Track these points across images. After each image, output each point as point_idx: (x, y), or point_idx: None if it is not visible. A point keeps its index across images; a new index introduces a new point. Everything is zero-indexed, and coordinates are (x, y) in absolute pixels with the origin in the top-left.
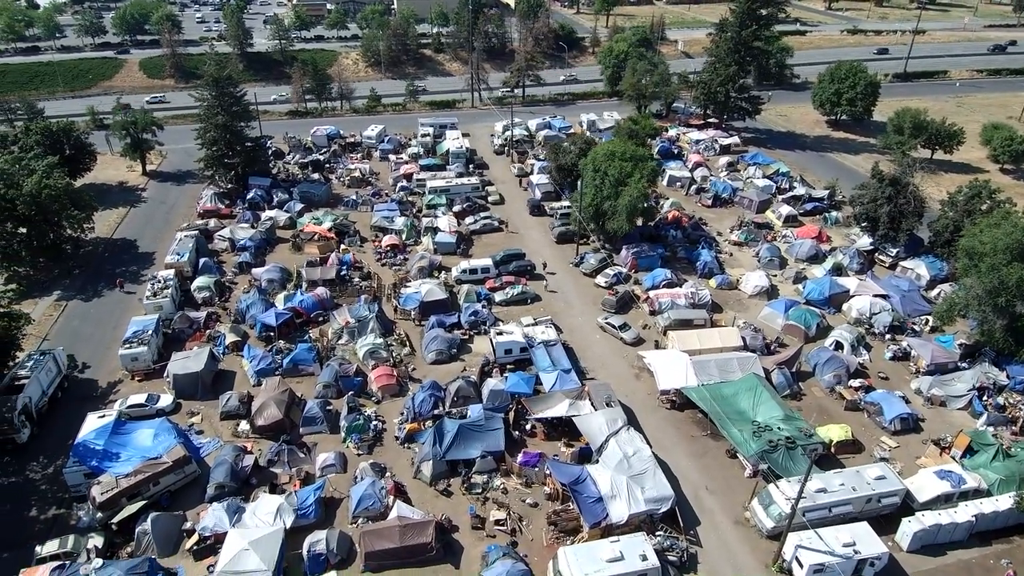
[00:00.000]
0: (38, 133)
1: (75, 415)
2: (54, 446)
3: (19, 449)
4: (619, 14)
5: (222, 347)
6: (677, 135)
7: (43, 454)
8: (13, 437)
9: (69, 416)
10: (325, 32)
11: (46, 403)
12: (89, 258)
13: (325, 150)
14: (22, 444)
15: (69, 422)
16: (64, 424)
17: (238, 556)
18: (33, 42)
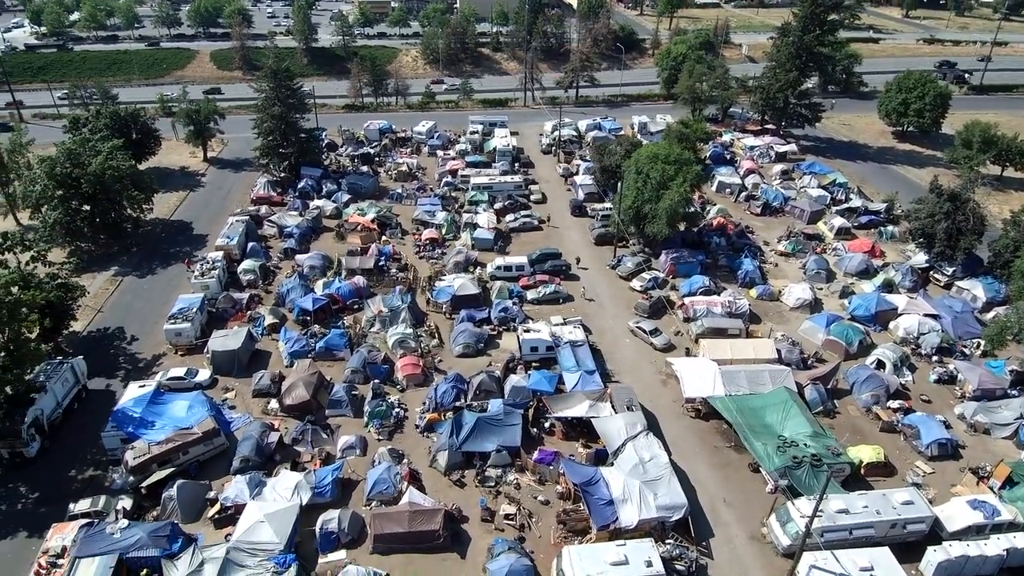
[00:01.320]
0: (107, 117)
1: (91, 426)
2: (65, 461)
3: (27, 464)
4: (683, 16)
5: (261, 328)
6: (731, 140)
7: (51, 469)
8: (22, 451)
9: (84, 428)
10: (387, 29)
11: (60, 415)
12: (147, 237)
13: (376, 144)
14: (30, 459)
15: (83, 434)
16: (78, 437)
17: (254, 527)
18: (113, 31)
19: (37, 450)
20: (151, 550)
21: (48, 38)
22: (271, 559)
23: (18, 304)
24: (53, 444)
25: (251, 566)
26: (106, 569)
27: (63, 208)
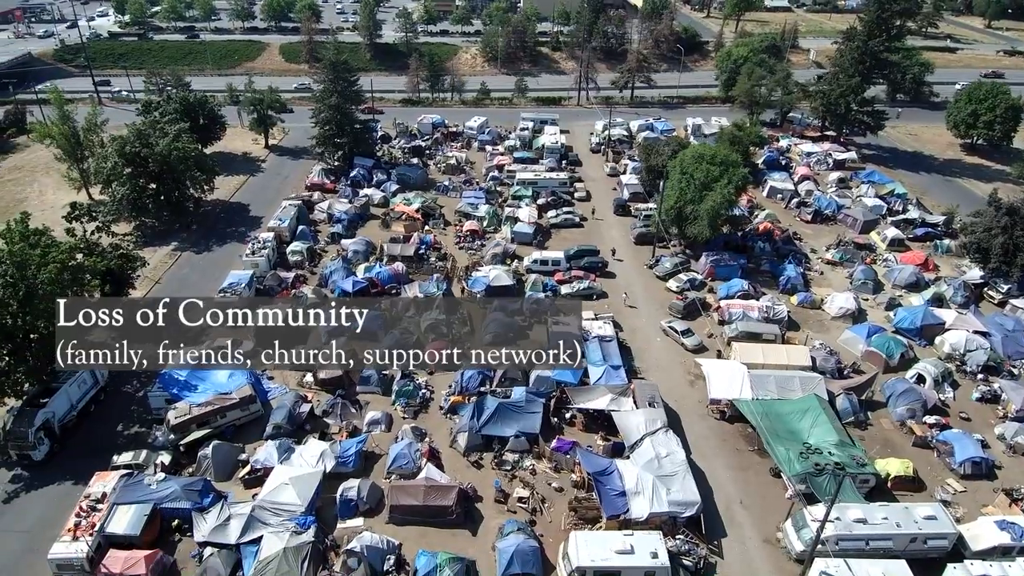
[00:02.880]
0: (177, 102)
1: (107, 431)
2: (75, 467)
3: (34, 467)
4: (750, 19)
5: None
6: (788, 146)
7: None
8: (29, 454)
9: (99, 432)
10: (450, 27)
11: (74, 418)
12: (206, 216)
13: (428, 137)
14: (38, 462)
15: (98, 439)
16: (91, 442)
17: (279, 489)
18: (191, 23)
19: (46, 453)
20: (183, 502)
21: (130, 27)
22: (293, 519)
23: (81, 269)
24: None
25: (273, 524)
26: (141, 516)
27: (131, 185)
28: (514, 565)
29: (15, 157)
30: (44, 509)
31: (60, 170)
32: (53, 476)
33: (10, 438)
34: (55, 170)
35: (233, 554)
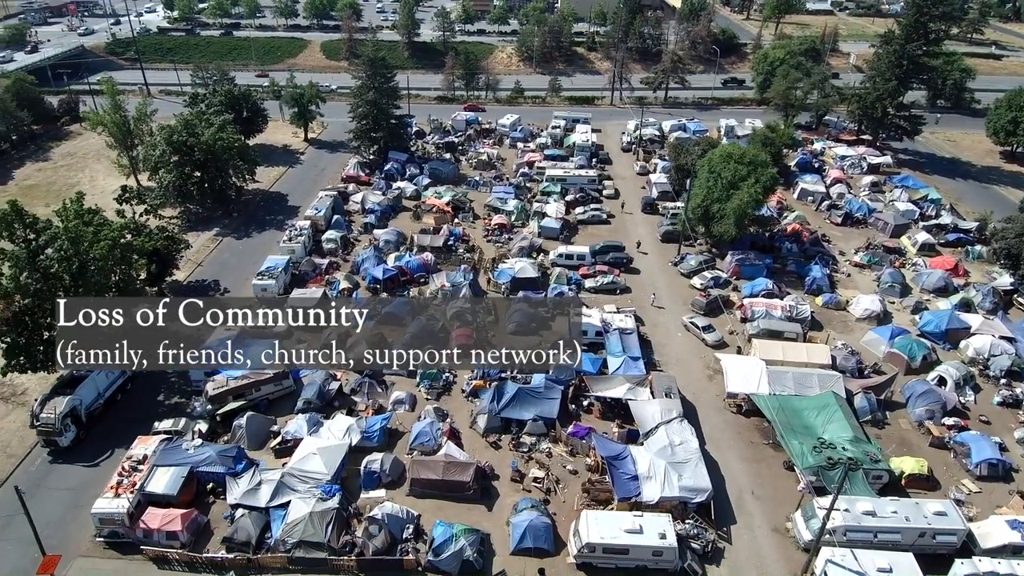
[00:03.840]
0: (222, 95)
1: (132, 420)
2: (98, 452)
3: (61, 452)
4: (791, 22)
5: (336, 291)
6: (822, 149)
7: (83, 460)
8: (56, 440)
9: (124, 420)
10: (487, 26)
11: (100, 406)
12: (247, 204)
13: (461, 134)
14: (64, 448)
15: (123, 427)
16: (116, 430)
17: (307, 458)
18: (236, 19)
19: (72, 440)
20: (218, 467)
21: (178, 23)
22: (319, 487)
23: (130, 247)
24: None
25: (301, 491)
26: (178, 478)
27: (177, 172)
28: (526, 539)
29: (68, 144)
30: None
31: (111, 157)
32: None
33: (38, 424)
34: (106, 157)
35: (263, 516)
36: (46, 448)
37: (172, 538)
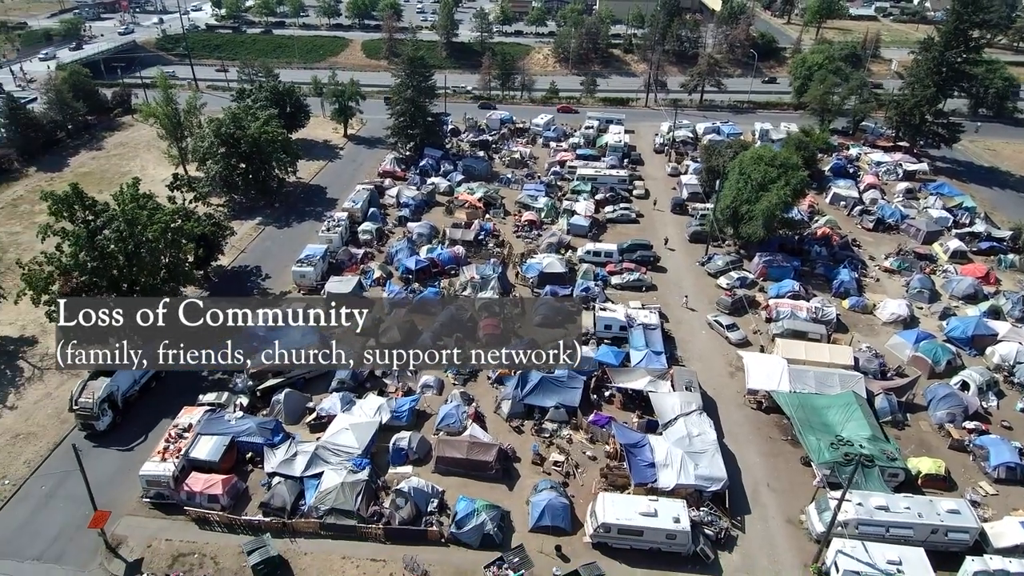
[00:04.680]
0: (267, 90)
1: (167, 405)
2: (132, 437)
3: (97, 436)
4: (833, 27)
5: (370, 279)
6: (858, 154)
7: (118, 444)
8: (93, 424)
9: (159, 406)
10: (524, 28)
11: (136, 392)
12: (288, 196)
13: (495, 132)
14: (101, 432)
15: (157, 413)
16: (150, 415)
17: (340, 433)
18: (281, 18)
19: (108, 424)
20: (257, 438)
21: (226, 20)
22: (350, 460)
23: (180, 231)
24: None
25: (333, 463)
26: (220, 446)
27: (224, 163)
28: (545, 517)
29: (120, 134)
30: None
31: (161, 147)
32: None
33: (76, 408)
34: (156, 147)
35: (297, 484)
36: (83, 431)
37: (213, 501)
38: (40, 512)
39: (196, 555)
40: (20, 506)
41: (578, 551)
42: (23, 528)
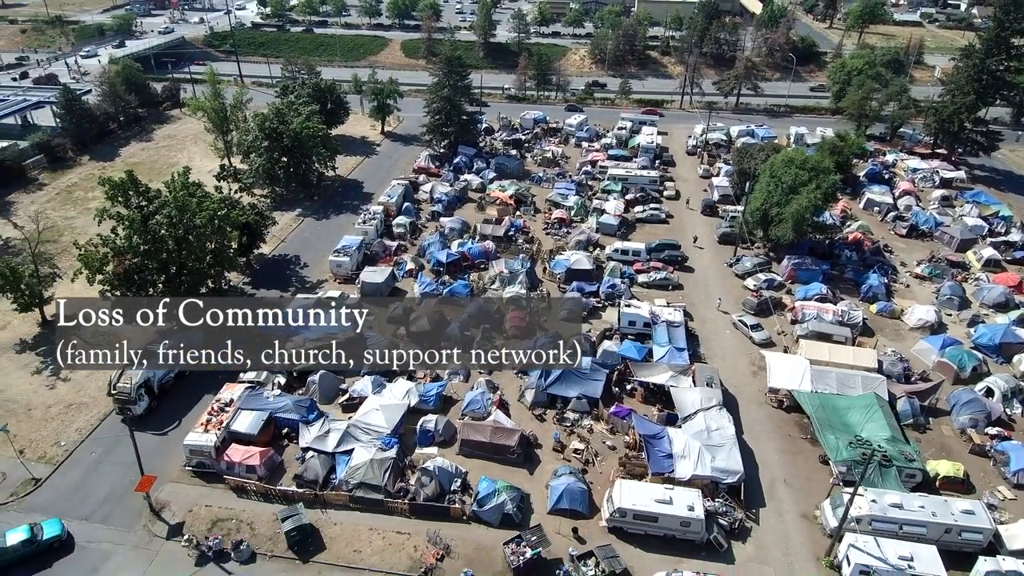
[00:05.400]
0: (310, 87)
1: (198, 391)
2: (166, 421)
3: (134, 420)
4: (875, 32)
5: (402, 271)
6: (895, 160)
7: (153, 428)
8: (130, 408)
9: (193, 392)
10: (562, 29)
11: (171, 379)
12: (327, 189)
13: (528, 132)
14: (137, 416)
15: (191, 399)
16: (183, 401)
17: (370, 413)
18: (323, 17)
19: (145, 409)
20: (293, 415)
21: (270, 19)
22: (379, 439)
23: (226, 219)
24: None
25: (363, 441)
26: (259, 421)
27: (267, 156)
28: (563, 501)
29: (169, 127)
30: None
31: (207, 140)
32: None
33: (115, 392)
34: (203, 140)
35: (329, 459)
36: (120, 416)
37: (251, 471)
38: (90, 476)
39: (234, 521)
40: (72, 470)
41: (594, 534)
42: (74, 490)
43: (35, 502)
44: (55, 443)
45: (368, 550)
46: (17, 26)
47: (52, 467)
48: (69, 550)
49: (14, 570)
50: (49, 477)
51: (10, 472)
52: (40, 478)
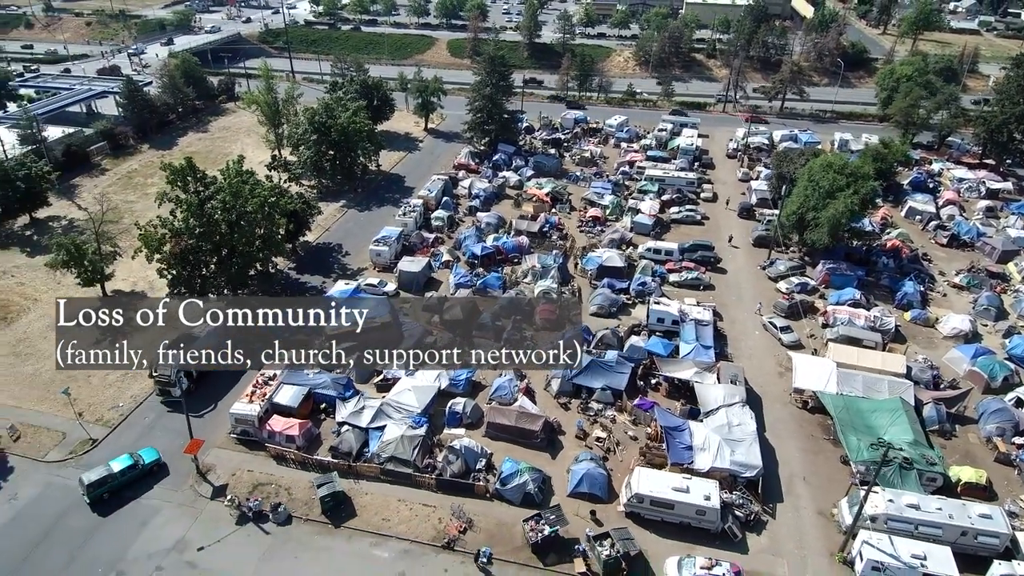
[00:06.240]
0: (357, 84)
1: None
2: (204, 404)
3: (173, 402)
4: (929, 39)
5: (439, 262)
6: (940, 169)
7: (192, 409)
8: (169, 390)
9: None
10: (607, 30)
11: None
12: (370, 183)
13: (568, 132)
14: (176, 398)
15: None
16: (220, 384)
17: (403, 393)
18: (373, 16)
19: (184, 391)
20: (331, 391)
21: (323, 17)
22: (410, 417)
23: (275, 206)
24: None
25: (395, 418)
26: (299, 395)
27: (315, 149)
28: (583, 484)
29: (224, 119)
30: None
31: (259, 132)
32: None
33: (156, 375)
34: (255, 132)
35: (362, 434)
36: (160, 397)
37: (290, 441)
38: (142, 439)
39: (273, 486)
40: (126, 432)
41: (611, 518)
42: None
43: (92, 460)
44: (112, 407)
45: (396, 519)
46: (83, 19)
47: (108, 429)
48: (166, 473)
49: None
50: (105, 438)
51: (70, 432)
52: (97, 439)
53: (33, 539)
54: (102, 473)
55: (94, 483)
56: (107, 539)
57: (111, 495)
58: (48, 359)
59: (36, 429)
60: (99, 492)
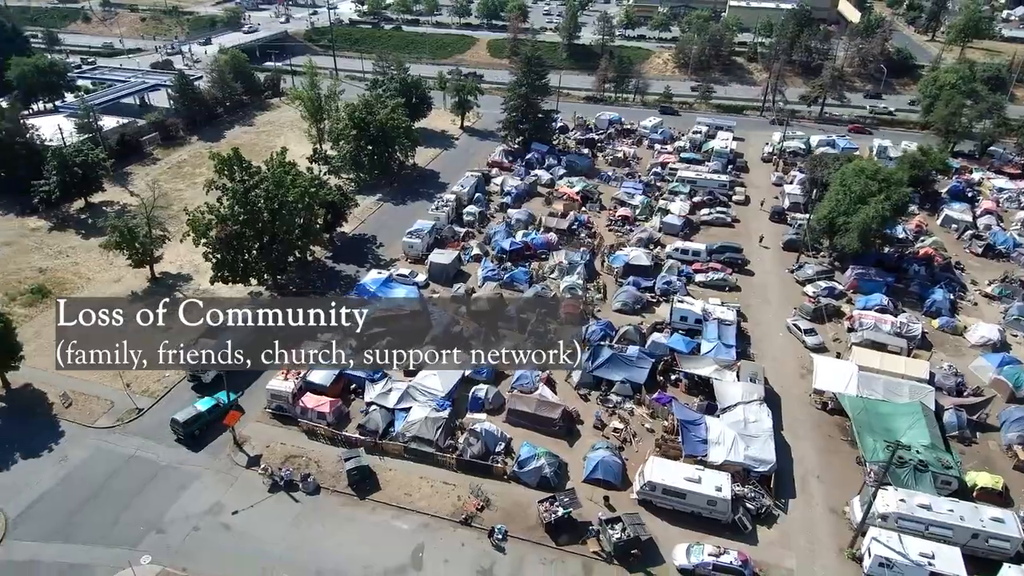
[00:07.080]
0: (396, 82)
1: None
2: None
3: (203, 387)
4: (978, 47)
5: (468, 256)
6: (980, 179)
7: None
8: (200, 376)
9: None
10: (647, 32)
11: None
12: (406, 178)
13: (602, 132)
14: (206, 384)
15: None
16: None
17: (427, 378)
18: (416, 16)
19: (213, 378)
20: (361, 373)
21: (367, 16)
22: (434, 400)
23: (315, 197)
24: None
25: (420, 401)
26: (331, 375)
27: (354, 144)
28: (598, 471)
29: (269, 114)
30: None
31: (302, 127)
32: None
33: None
34: (298, 127)
35: (389, 414)
36: (191, 383)
37: (321, 418)
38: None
39: (304, 458)
40: (170, 404)
41: (624, 504)
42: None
43: (137, 428)
44: (158, 379)
45: (417, 495)
46: (137, 14)
47: (153, 400)
48: (242, 412)
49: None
50: (150, 408)
51: (118, 402)
52: (143, 408)
53: (81, 498)
54: (192, 413)
55: (188, 420)
56: (149, 500)
57: (200, 432)
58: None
59: (87, 397)
60: (191, 429)
